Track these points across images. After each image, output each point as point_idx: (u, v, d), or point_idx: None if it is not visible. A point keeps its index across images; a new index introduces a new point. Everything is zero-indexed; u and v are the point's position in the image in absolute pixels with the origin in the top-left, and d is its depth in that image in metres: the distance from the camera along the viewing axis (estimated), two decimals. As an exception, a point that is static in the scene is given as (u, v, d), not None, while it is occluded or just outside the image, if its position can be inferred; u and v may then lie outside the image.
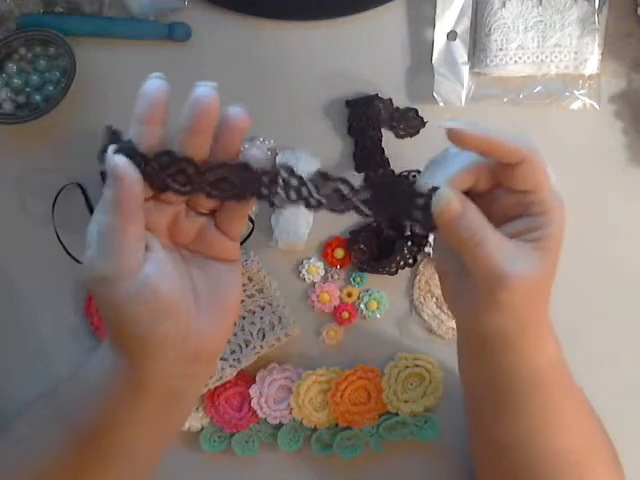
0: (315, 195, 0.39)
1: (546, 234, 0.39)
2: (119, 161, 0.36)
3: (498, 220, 0.40)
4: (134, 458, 0.43)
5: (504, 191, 0.40)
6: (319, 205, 0.39)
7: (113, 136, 0.38)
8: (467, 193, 0.40)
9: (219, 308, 0.40)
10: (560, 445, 0.44)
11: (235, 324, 0.58)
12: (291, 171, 0.39)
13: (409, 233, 0.59)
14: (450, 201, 0.38)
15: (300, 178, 0.39)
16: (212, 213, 0.41)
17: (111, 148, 0.37)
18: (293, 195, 0.39)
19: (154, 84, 0.37)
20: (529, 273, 0.38)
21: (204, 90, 0.37)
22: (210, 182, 0.38)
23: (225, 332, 0.42)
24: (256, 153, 0.39)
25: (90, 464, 0.42)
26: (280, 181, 0.38)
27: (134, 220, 0.36)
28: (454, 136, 0.39)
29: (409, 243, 0.58)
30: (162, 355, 0.38)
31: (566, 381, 0.45)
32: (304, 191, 0.39)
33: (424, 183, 0.39)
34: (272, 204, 0.39)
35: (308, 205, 0.39)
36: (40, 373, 0.59)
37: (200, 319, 0.39)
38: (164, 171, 0.37)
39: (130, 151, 0.37)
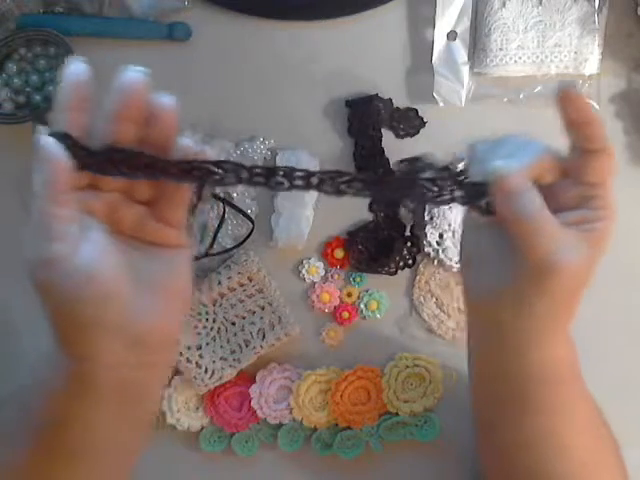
0: (330, 182, 0.38)
1: (601, 228, 0.40)
2: (48, 143, 0.35)
3: (553, 209, 0.40)
4: (99, 454, 0.41)
5: (567, 182, 0.41)
6: (341, 192, 0.38)
7: (39, 120, 0.38)
8: None
9: (164, 293, 0.39)
10: (570, 447, 0.44)
11: (234, 324, 0.58)
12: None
13: (409, 234, 0.59)
14: (508, 174, 0.38)
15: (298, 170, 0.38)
16: (151, 202, 0.40)
17: (41, 130, 0.36)
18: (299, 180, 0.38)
19: (77, 68, 0.37)
20: (579, 265, 0.39)
21: (132, 74, 0.36)
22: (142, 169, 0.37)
23: (172, 318, 0.40)
24: (186, 141, 0.38)
25: (54, 462, 0.41)
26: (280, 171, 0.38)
27: (65, 202, 0.35)
28: (567, 93, 0.40)
29: (408, 244, 0.58)
30: (105, 342, 0.37)
31: (579, 383, 0.45)
32: (313, 180, 0.38)
33: (494, 166, 0.39)
34: (271, 187, 0.38)
35: (306, 185, 0.38)
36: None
37: (142, 304, 0.38)
38: (94, 156, 0.36)
39: (59, 135, 0.36)
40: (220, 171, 0.37)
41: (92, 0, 0.60)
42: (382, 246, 0.58)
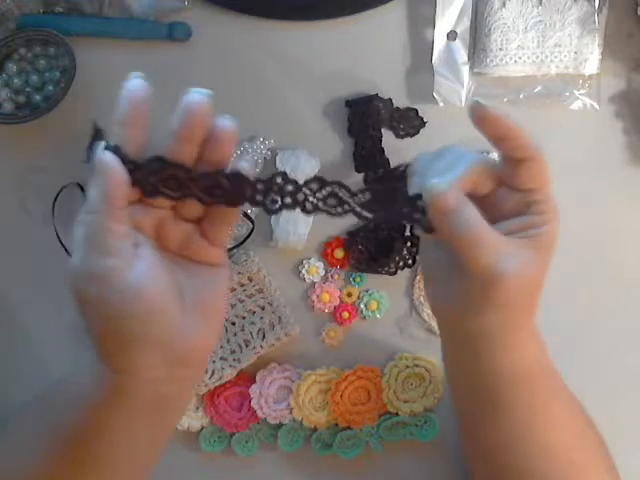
0: (311, 199, 0.39)
1: (543, 233, 0.40)
2: (107, 158, 0.35)
3: (494, 218, 0.40)
4: (123, 464, 0.42)
5: (504, 190, 0.41)
6: (315, 209, 0.39)
7: (98, 133, 0.38)
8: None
9: (205, 312, 0.40)
10: (551, 444, 0.44)
11: (234, 324, 0.58)
12: (286, 176, 0.39)
13: (409, 233, 0.59)
14: (442, 192, 0.38)
15: (295, 183, 0.39)
16: (198, 221, 0.41)
17: (100, 145, 0.36)
18: (288, 200, 0.39)
19: (136, 84, 0.37)
20: (524, 271, 0.39)
21: (196, 97, 0.37)
22: (202, 188, 0.38)
23: (211, 336, 0.41)
24: (244, 165, 0.38)
25: (78, 471, 0.41)
26: (275, 187, 0.38)
27: (121, 218, 0.36)
28: (479, 113, 0.39)
29: (408, 244, 0.58)
30: (146, 358, 0.37)
31: (552, 379, 0.45)
32: (300, 196, 0.39)
33: (425, 185, 0.39)
34: (268, 210, 0.39)
35: (304, 210, 0.39)
36: (40, 373, 0.59)
37: (186, 322, 0.38)
38: (154, 176, 0.37)
39: (116, 153, 0.36)
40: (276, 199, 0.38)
41: (92, 0, 0.60)
42: (382, 246, 0.58)
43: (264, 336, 0.58)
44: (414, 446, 0.58)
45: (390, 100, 0.59)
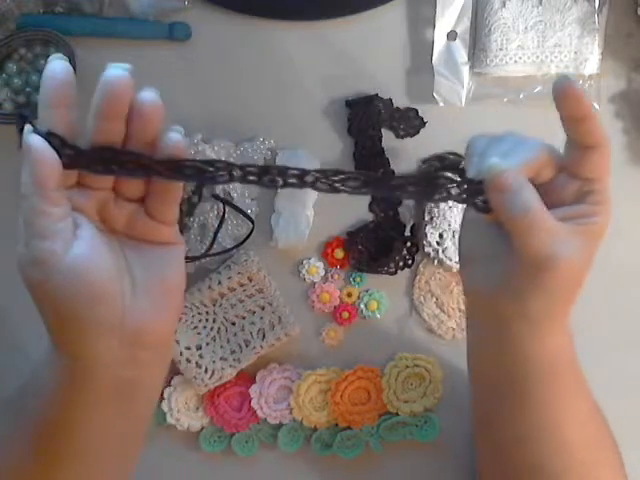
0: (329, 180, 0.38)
1: (598, 222, 0.40)
2: (34, 141, 0.35)
3: (550, 204, 0.40)
4: (98, 456, 0.41)
5: (563, 177, 0.41)
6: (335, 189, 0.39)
7: (24, 119, 0.37)
8: None
9: (159, 290, 0.39)
10: (569, 440, 0.44)
11: (234, 324, 0.58)
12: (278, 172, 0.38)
13: (409, 233, 0.59)
14: (503, 171, 0.39)
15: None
16: (142, 200, 0.40)
17: (26, 128, 0.36)
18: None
19: (57, 66, 0.37)
20: (575, 259, 0.39)
21: (114, 71, 0.36)
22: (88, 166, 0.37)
23: (168, 315, 0.40)
24: (176, 137, 0.38)
25: (51, 465, 0.40)
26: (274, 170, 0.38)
27: (54, 200, 0.36)
28: (565, 87, 0.40)
29: (408, 244, 0.58)
30: (100, 340, 0.37)
31: (578, 373, 0.45)
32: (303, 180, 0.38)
33: (486, 163, 0.40)
34: (266, 185, 0.38)
35: (301, 183, 0.38)
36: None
37: (138, 301, 0.38)
38: (82, 155, 0.37)
39: (43, 134, 0.36)
40: (211, 169, 0.37)
41: (92, 0, 0.60)
42: (382, 246, 0.58)
43: (264, 336, 0.58)
44: (414, 446, 0.58)
45: (390, 100, 0.59)
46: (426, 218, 0.58)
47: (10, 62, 0.59)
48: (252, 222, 0.58)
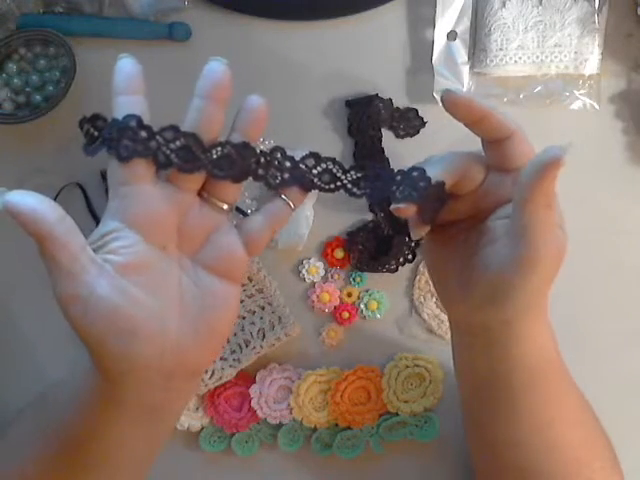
0: (307, 175, 0.39)
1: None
2: (11, 204, 0.35)
3: (495, 207, 0.40)
4: (118, 469, 0.41)
5: (497, 176, 0.40)
6: (312, 186, 0.39)
7: (97, 121, 0.37)
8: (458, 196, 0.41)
9: (208, 328, 0.38)
10: (560, 440, 0.44)
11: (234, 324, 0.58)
12: (284, 153, 0.39)
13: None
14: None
15: (292, 159, 0.39)
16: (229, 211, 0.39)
17: (2, 190, 0.36)
18: (287, 176, 0.39)
19: (126, 61, 0.38)
20: (561, 246, 0.38)
21: (216, 63, 0.38)
22: (213, 160, 0.37)
23: (211, 352, 0.40)
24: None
25: (72, 474, 0.41)
26: (275, 162, 0.39)
27: (60, 246, 0.34)
28: (449, 100, 0.39)
29: (407, 239, 0.58)
30: (136, 372, 0.37)
31: (565, 374, 0.45)
32: (297, 172, 0.39)
33: (412, 167, 0.40)
34: (269, 185, 0.39)
35: (302, 186, 0.39)
36: (39, 376, 0.59)
37: (183, 337, 0.37)
38: (167, 146, 0.36)
39: (134, 122, 0.36)
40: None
41: (92, 0, 0.60)
42: (382, 245, 0.58)
43: (264, 336, 0.58)
44: (414, 446, 0.58)
45: (390, 100, 0.59)
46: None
47: (10, 62, 0.59)
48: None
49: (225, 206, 0.39)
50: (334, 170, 0.40)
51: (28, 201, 0.35)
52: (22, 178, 0.60)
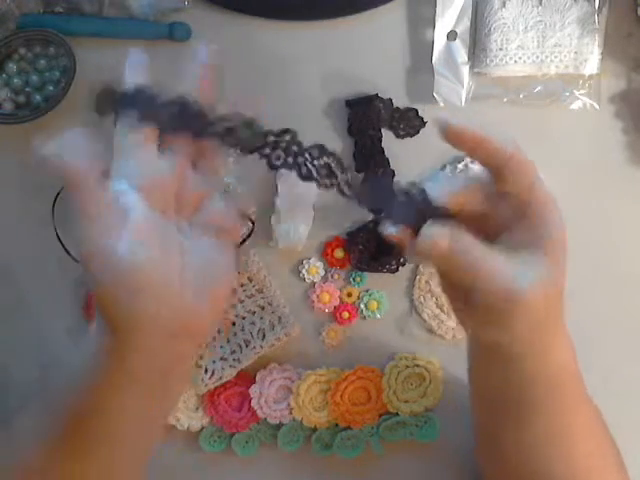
0: (308, 165, 0.39)
1: (546, 234, 0.38)
2: (48, 154, 0.37)
3: (498, 231, 0.39)
4: (122, 443, 0.42)
5: (497, 199, 0.40)
6: (309, 175, 0.39)
7: (110, 93, 0.39)
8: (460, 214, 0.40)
9: (207, 288, 0.39)
10: (576, 449, 0.44)
11: (234, 324, 0.58)
12: (294, 136, 0.39)
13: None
14: (436, 239, 0.37)
15: (300, 145, 0.39)
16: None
17: (38, 143, 0.37)
18: (290, 160, 0.39)
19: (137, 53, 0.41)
20: (540, 281, 0.37)
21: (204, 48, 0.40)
22: (219, 132, 0.38)
23: (212, 314, 0.41)
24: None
25: (76, 449, 0.41)
26: (282, 143, 0.39)
27: (88, 199, 0.36)
28: (443, 130, 0.39)
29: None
30: (143, 330, 0.38)
31: (580, 384, 0.45)
32: (300, 159, 0.39)
33: (413, 184, 0.39)
34: (270, 165, 0.39)
35: (299, 173, 0.39)
36: (39, 373, 0.59)
37: (185, 296, 0.38)
38: (179, 116, 0.38)
39: (149, 90, 0.38)
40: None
41: (92, 0, 0.60)
42: (382, 245, 0.58)
43: (264, 336, 0.58)
44: (414, 446, 0.58)
45: (390, 100, 0.59)
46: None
47: (10, 62, 0.59)
48: (252, 222, 0.58)
49: (215, 174, 0.41)
50: (332, 166, 0.40)
51: (62, 152, 0.37)
52: (22, 178, 0.60)
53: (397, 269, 0.59)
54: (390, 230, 0.39)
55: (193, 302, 0.39)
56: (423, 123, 0.60)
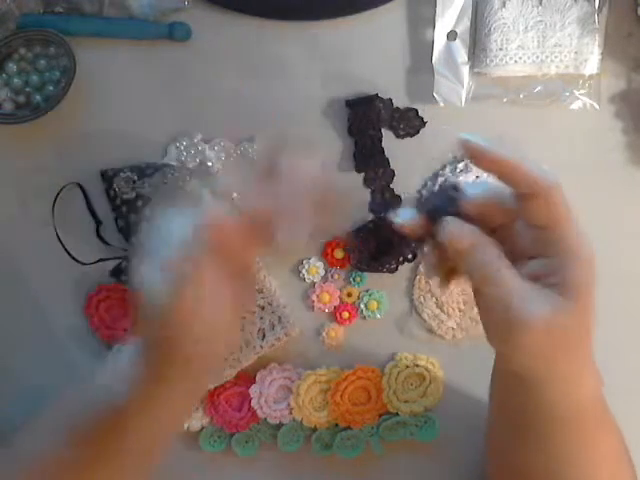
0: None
1: (567, 278, 0.35)
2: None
3: (521, 255, 0.37)
4: (135, 459, 0.44)
5: (522, 225, 0.37)
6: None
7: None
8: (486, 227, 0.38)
9: (234, 323, 0.44)
10: (593, 474, 0.43)
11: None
12: None
13: None
14: (457, 233, 0.36)
15: None
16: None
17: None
18: None
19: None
20: (549, 316, 0.35)
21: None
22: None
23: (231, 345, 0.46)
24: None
25: (90, 464, 0.43)
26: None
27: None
28: (470, 151, 0.36)
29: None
30: (190, 369, 0.41)
31: (602, 415, 0.43)
32: None
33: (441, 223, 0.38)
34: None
35: None
36: (40, 373, 0.59)
37: (230, 340, 0.44)
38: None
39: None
40: None
41: (92, 0, 0.60)
42: (382, 245, 0.58)
43: (264, 336, 0.58)
44: (414, 446, 0.58)
45: (390, 100, 0.59)
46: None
47: (10, 62, 0.59)
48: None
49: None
50: None
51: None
52: (22, 178, 0.60)
53: (397, 268, 0.59)
54: (402, 217, 0.38)
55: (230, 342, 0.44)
56: (423, 123, 0.60)
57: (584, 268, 0.36)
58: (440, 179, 0.59)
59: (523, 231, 0.37)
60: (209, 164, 0.58)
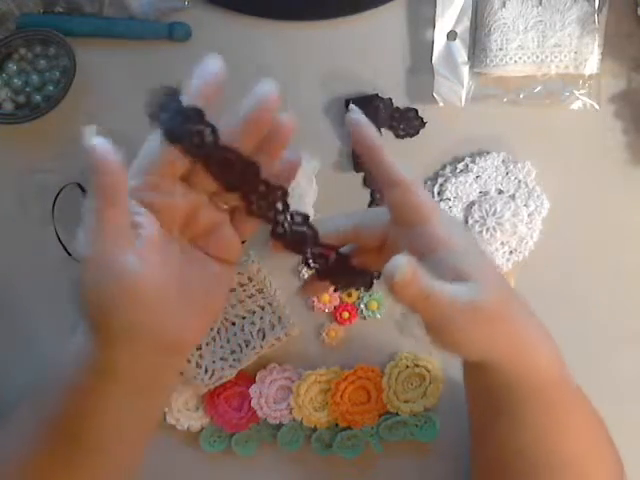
0: (285, 226, 0.40)
1: (457, 267, 0.37)
2: (98, 146, 0.35)
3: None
4: (113, 448, 0.42)
5: (399, 231, 0.40)
6: (281, 235, 0.40)
7: (173, 92, 0.38)
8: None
9: (202, 307, 0.40)
10: (569, 452, 0.44)
11: (234, 324, 0.58)
12: (284, 195, 0.39)
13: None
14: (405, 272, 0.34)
15: (286, 204, 0.39)
16: (232, 211, 0.41)
17: (88, 131, 0.36)
18: (271, 214, 0.39)
19: (212, 62, 0.40)
20: (468, 300, 0.36)
21: (269, 86, 0.39)
22: (217, 159, 0.37)
23: (202, 330, 0.42)
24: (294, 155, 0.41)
25: (63, 455, 0.41)
26: (270, 196, 0.38)
27: (113, 205, 0.35)
28: (357, 131, 0.41)
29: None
30: (133, 343, 0.38)
31: (570, 397, 0.44)
32: (280, 217, 0.39)
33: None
34: (249, 210, 0.39)
35: (273, 230, 0.40)
36: (39, 373, 0.59)
37: (179, 314, 0.39)
38: (186, 126, 0.36)
39: (197, 115, 0.37)
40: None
41: (92, 0, 0.60)
42: (339, 264, 0.57)
43: (264, 336, 0.58)
44: (414, 446, 0.58)
45: (390, 100, 0.59)
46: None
47: (10, 62, 0.59)
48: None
49: (226, 206, 0.41)
50: (308, 236, 0.40)
51: (109, 153, 0.35)
52: (22, 178, 0.60)
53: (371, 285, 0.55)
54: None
55: (186, 318, 0.39)
56: (423, 123, 0.60)
57: (461, 254, 0.38)
58: (439, 182, 0.59)
59: (401, 239, 0.40)
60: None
